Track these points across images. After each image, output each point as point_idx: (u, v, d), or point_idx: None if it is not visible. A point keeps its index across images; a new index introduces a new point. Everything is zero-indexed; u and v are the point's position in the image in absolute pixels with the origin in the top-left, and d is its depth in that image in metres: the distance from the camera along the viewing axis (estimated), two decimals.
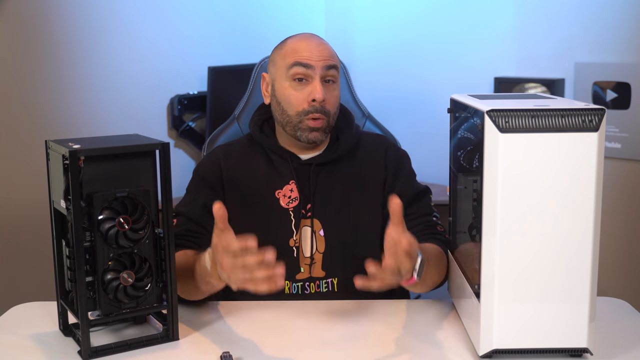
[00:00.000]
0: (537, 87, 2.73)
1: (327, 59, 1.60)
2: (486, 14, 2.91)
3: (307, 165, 1.65)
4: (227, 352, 1.27)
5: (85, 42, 2.62)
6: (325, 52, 1.61)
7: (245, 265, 1.21)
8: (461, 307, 1.44)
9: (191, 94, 2.95)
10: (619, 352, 1.29)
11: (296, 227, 1.62)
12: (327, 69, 1.60)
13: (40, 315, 1.49)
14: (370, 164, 1.69)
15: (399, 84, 3.19)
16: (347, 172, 1.67)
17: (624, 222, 2.57)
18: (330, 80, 1.61)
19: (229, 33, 3.09)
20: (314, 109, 1.59)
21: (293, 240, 1.61)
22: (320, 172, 1.65)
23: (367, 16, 3.27)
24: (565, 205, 1.18)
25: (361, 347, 1.33)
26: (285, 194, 1.63)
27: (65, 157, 1.24)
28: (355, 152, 1.69)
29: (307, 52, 1.60)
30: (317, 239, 1.62)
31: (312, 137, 1.60)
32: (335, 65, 1.61)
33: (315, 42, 1.62)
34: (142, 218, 1.30)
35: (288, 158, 1.65)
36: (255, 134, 1.69)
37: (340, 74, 1.72)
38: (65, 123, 2.57)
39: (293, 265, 1.61)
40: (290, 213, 1.62)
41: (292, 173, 1.64)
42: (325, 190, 1.64)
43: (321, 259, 1.62)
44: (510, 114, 1.17)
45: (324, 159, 1.66)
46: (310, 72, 1.59)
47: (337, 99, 1.64)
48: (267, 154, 1.67)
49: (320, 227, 1.63)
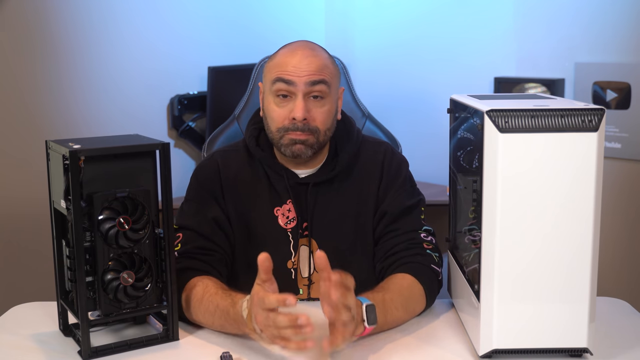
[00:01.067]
0: (537, 87, 2.73)
1: (312, 74, 1.50)
2: (486, 14, 2.91)
3: (304, 185, 1.59)
4: (227, 352, 1.28)
5: (85, 42, 2.62)
6: (311, 66, 1.51)
7: (277, 323, 1.19)
8: (461, 307, 1.44)
9: (191, 94, 2.95)
10: (618, 352, 1.29)
11: (294, 248, 1.59)
12: (311, 85, 1.50)
13: (40, 315, 1.49)
14: (367, 178, 1.62)
15: (399, 84, 3.19)
16: (345, 189, 1.61)
17: (624, 222, 2.57)
18: (318, 97, 1.52)
19: (229, 33, 3.09)
20: (294, 127, 1.51)
21: (291, 262, 1.59)
22: (318, 192, 1.59)
23: (367, 16, 3.27)
24: (565, 205, 1.18)
25: (361, 347, 1.33)
26: (284, 213, 1.59)
27: (65, 157, 1.24)
28: (353, 166, 1.62)
29: (292, 66, 1.51)
30: (314, 259, 1.57)
31: (295, 149, 1.53)
32: (322, 80, 1.51)
33: (301, 55, 1.52)
34: (142, 218, 1.30)
35: (284, 175, 1.59)
36: (252, 146, 1.61)
37: (340, 74, 1.70)
38: (65, 123, 2.58)
39: (291, 287, 1.58)
40: (288, 234, 1.59)
41: (288, 192, 1.59)
42: (322, 209, 1.60)
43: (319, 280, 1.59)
44: (510, 114, 1.17)
45: (322, 177, 1.59)
46: (292, 89, 1.51)
47: (327, 114, 1.54)
48: (263, 167, 1.61)
49: (317, 247, 1.59)
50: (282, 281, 1.56)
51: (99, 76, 2.68)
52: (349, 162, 1.61)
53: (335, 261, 1.54)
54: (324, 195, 1.60)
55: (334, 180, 1.61)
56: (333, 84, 1.56)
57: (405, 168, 1.65)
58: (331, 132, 1.59)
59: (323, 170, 1.61)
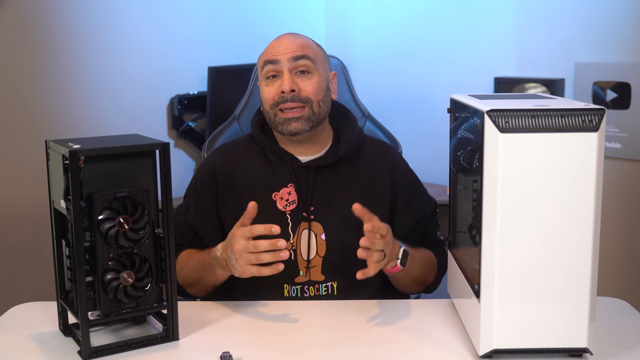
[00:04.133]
0: (537, 87, 2.73)
1: (293, 51, 1.60)
2: (486, 14, 2.91)
3: (306, 168, 1.64)
4: (227, 352, 1.28)
5: (85, 42, 2.62)
6: (292, 45, 1.61)
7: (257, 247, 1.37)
8: (461, 307, 1.44)
9: (191, 94, 2.95)
10: (619, 352, 1.29)
11: (293, 230, 1.61)
12: (294, 60, 1.59)
13: (40, 315, 1.49)
14: (374, 174, 1.67)
15: (399, 84, 3.19)
16: (349, 177, 1.66)
17: (624, 222, 2.57)
18: (305, 71, 1.60)
19: (229, 33, 3.08)
20: (283, 99, 1.59)
21: (290, 243, 1.61)
22: (319, 174, 1.64)
23: (367, 16, 3.27)
24: (565, 205, 1.18)
25: (361, 347, 1.33)
26: (283, 197, 1.62)
27: (65, 157, 1.24)
28: (357, 157, 1.68)
29: (275, 48, 1.62)
30: (318, 243, 1.62)
31: (292, 128, 1.59)
32: (305, 55, 1.60)
33: (285, 38, 1.64)
34: (142, 218, 1.30)
35: (287, 160, 1.64)
36: (256, 133, 1.68)
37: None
38: (65, 123, 2.57)
39: (291, 268, 1.60)
40: (287, 216, 1.62)
41: (290, 175, 1.63)
42: (326, 193, 1.63)
43: (320, 263, 1.62)
44: (510, 114, 1.17)
45: (324, 162, 1.65)
46: (278, 67, 1.60)
47: (316, 85, 1.61)
48: (266, 154, 1.67)
49: (321, 230, 1.62)
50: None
51: (99, 76, 2.68)
52: (352, 150, 1.67)
53: (342, 247, 1.59)
54: (327, 181, 1.64)
55: (338, 167, 1.65)
56: (318, 62, 1.64)
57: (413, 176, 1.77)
58: (326, 106, 1.65)
59: (327, 156, 1.67)
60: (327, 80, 1.66)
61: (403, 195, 1.69)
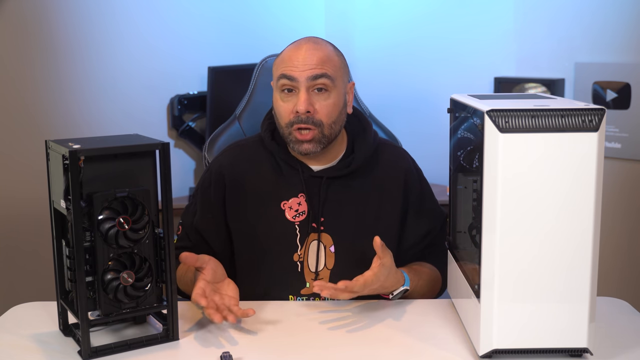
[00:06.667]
0: (537, 87, 2.73)
1: (313, 68, 1.52)
2: (486, 14, 2.91)
3: (318, 178, 1.60)
4: (227, 352, 1.27)
5: (85, 42, 2.62)
6: (313, 60, 1.53)
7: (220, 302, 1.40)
8: (461, 307, 1.44)
9: (191, 94, 2.95)
10: (619, 352, 1.29)
11: (301, 241, 1.59)
12: (313, 79, 1.53)
13: (40, 315, 1.49)
14: (387, 183, 1.64)
15: (399, 84, 3.19)
16: (362, 188, 1.62)
17: (624, 222, 2.57)
18: (323, 89, 1.54)
19: (229, 33, 3.09)
20: (298, 119, 1.53)
21: (297, 254, 1.59)
22: (331, 185, 1.60)
23: (367, 16, 3.27)
24: (565, 205, 1.18)
25: (362, 347, 1.33)
26: (292, 207, 1.60)
27: (65, 157, 1.24)
28: (371, 167, 1.64)
29: (294, 61, 1.54)
30: (326, 255, 1.59)
31: (303, 149, 1.55)
32: (324, 74, 1.53)
33: (304, 50, 1.54)
34: (142, 218, 1.29)
35: (299, 168, 1.60)
36: (267, 139, 1.64)
37: (348, 68, 1.69)
38: (65, 123, 2.58)
39: (297, 279, 1.59)
40: (295, 227, 1.59)
41: (302, 185, 1.60)
42: (337, 205, 1.60)
43: (328, 275, 1.59)
44: (510, 114, 1.17)
45: (337, 173, 1.61)
46: (295, 84, 1.53)
47: (331, 107, 1.55)
48: (277, 160, 1.63)
49: (331, 242, 1.59)
50: (288, 274, 1.57)
51: (99, 76, 2.68)
52: (366, 161, 1.63)
53: (351, 260, 1.57)
54: (339, 192, 1.61)
55: (351, 179, 1.62)
56: (337, 77, 1.57)
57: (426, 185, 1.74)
58: (338, 125, 1.59)
59: (338, 166, 1.63)
60: (344, 95, 1.61)
61: (414, 205, 1.67)
